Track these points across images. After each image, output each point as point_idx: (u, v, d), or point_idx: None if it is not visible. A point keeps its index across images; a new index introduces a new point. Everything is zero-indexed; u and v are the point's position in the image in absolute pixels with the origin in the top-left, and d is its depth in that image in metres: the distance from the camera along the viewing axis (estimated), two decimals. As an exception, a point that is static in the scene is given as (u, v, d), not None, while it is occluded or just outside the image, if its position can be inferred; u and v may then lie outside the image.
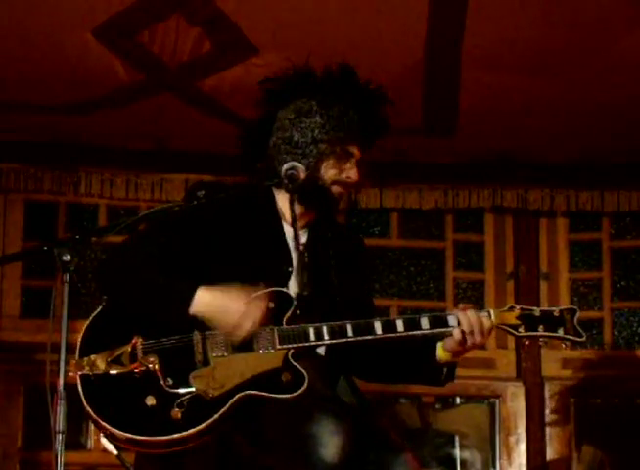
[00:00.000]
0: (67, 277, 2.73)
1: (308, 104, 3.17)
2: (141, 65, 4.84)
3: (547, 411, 5.82)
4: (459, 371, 5.59)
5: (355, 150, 3.18)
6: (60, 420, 2.68)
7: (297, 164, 3.11)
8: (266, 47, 4.55)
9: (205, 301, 2.94)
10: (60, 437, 2.67)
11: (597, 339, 5.96)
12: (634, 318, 6.01)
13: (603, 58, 4.69)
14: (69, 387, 2.77)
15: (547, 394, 5.83)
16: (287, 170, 3.10)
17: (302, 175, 3.12)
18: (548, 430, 5.80)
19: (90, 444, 5.53)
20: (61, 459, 2.67)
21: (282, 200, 3.19)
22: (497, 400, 5.85)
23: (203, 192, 3.03)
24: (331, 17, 4.40)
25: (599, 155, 5.69)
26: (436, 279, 6.04)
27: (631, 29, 4.47)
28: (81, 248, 2.78)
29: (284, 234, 3.17)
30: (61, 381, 2.69)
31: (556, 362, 5.86)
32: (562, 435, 5.80)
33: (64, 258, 2.74)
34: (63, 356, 2.71)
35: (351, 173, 3.16)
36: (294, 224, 3.14)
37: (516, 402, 5.82)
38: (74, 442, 5.44)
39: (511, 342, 5.86)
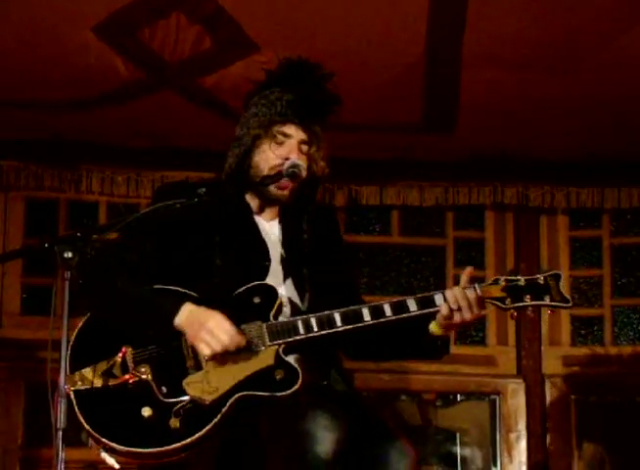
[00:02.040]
0: (67, 274, 2.73)
1: (253, 100, 3.21)
2: (142, 62, 4.84)
3: (548, 408, 5.82)
4: (460, 368, 5.61)
5: (291, 130, 3.14)
6: (60, 417, 2.68)
7: (299, 162, 3.10)
8: (267, 44, 4.55)
9: (189, 312, 2.93)
10: (60, 434, 2.68)
11: (597, 336, 5.96)
12: (635, 315, 6.01)
13: (603, 55, 4.69)
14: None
15: (548, 391, 5.83)
16: (288, 168, 3.09)
17: (304, 173, 3.12)
18: (549, 427, 5.80)
19: (90, 441, 5.52)
20: (61, 456, 2.67)
21: (248, 195, 3.20)
22: (498, 398, 5.85)
23: (204, 189, 3.02)
24: (331, 13, 4.40)
25: (599, 152, 5.69)
26: (437, 276, 6.04)
27: (632, 26, 4.46)
28: (82, 245, 2.79)
29: (258, 229, 3.17)
30: (62, 378, 2.69)
31: (556, 359, 5.86)
32: (562, 432, 5.79)
33: (65, 255, 2.74)
34: (64, 354, 2.71)
35: (289, 153, 3.12)
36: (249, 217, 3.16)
37: (516, 400, 5.82)
38: (75, 439, 5.43)
39: (512, 339, 5.86)
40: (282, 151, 3.13)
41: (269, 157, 3.13)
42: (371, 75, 4.85)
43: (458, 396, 5.96)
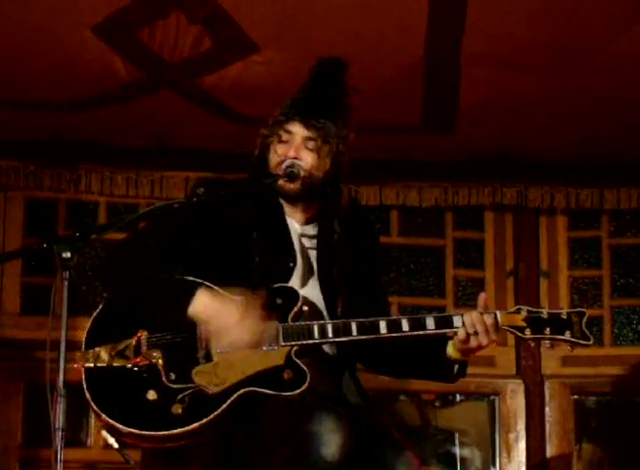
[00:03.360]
0: (66, 274, 2.73)
1: None
2: (141, 62, 4.84)
3: (547, 409, 5.82)
4: (459, 368, 5.56)
5: (295, 128, 3.12)
6: (59, 417, 2.68)
7: (297, 161, 3.10)
8: (266, 44, 4.55)
9: (204, 302, 2.94)
10: (59, 434, 2.67)
11: (597, 337, 5.96)
12: (634, 316, 6.00)
13: (603, 55, 4.69)
14: (69, 384, 2.77)
15: (547, 391, 5.83)
16: (286, 167, 3.10)
17: (302, 173, 3.11)
18: (548, 428, 5.80)
19: (90, 441, 5.53)
20: (60, 456, 2.67)
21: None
22: (497, 398, 5.85)
23: (202, 189, 3.03)
24: (331, 14, 4.40)
25: (599, 152, 5.69)
26: (436, 277, 6.04)
27: (631, 26, 4.47)
28: (81, 245, 2.79)
29: (288, 229, 3.17)
30: (60, 378, 2.69)
31: (556, 360, 5.86)
32: (561, 432, 5.79)
33: (64, 255, 2.74)
34: (62, 354, 2.71)
35: (288, 151, 3.11)
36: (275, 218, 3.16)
37: (516, 400, 5.82)
38: (74, 439, 5.45)
39: (511, 339, 5.85)
40: (284, 149, 3.12)
41: (274, 156, 3.14)
42: (370, 76, 4.84)
43: (457, 396, 5.97)
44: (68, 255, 2.74)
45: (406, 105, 5.20)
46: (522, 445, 5.78)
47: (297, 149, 3.11)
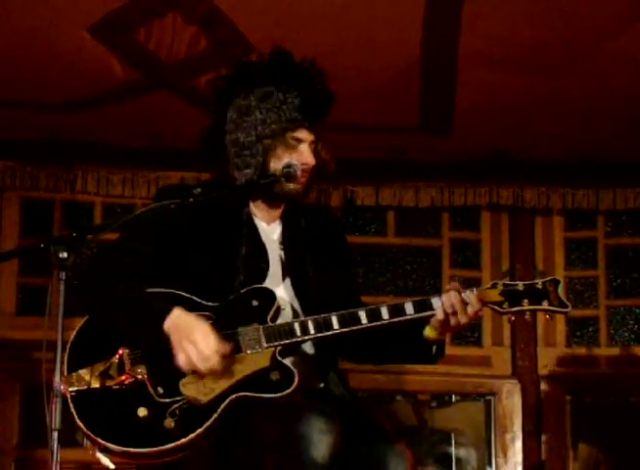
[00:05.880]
0: (63, 275, 2.73)
1: (247, 100, 3.14)
2: (137, 62, 4.84)
3: (543, 409, 5.82)
4: (455, 369, 5.61)
5: (303, 134, 3.11)
6: (56, 418, 2.67)
7: (294, 161, 3.10)
8: (263, 45, 4.54)
9: (177, 317, 2.90)
10: (55, 434, 2.67)
11: (593, 337, 5.97)
12: (630, 316, 6.01)
13: (600, 55, 4.70)
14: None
15: (543, 391, 5.84)
16: (284, 168, 3.09)
17: (300, 172, 3.11)
18: (544, 428, 5.80)
19: (86, 441, 5.51)
20: (56, 457, 2.67)
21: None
22: (493, 398, 5.86)
23: (199, 189, 3.02)
24: (327, 15, 4.40)
25: (595, 153, 5.70)
26: (433, 277, 6.04)
27: (628, 27, 4.47)
28: (78, 245, 2.78)
29: (258, 232, 3.16)
30: (57, 379, 2.69)
31: (552, 360, 5.86)
32: (558, 433, 5.80)
33: (60, 255, 2.73)
34: (59, 354, 2.70)
35: (304, 158, 3.10)
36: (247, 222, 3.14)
37: (512, 400, 5.82)
38: (70, 439, 5.43)
39: (507, 339, 5.87)
40: (299, 156, 3.10)
41: (286, 160, 3.09)
42: (367, 76, 4.85)
43: (453, 396, 5.97)
44: (65, 255, 2.73)
45: (403, 105, 5.20)
46: (518, 445, 5.79)
47: (311, 154, 3.10)
